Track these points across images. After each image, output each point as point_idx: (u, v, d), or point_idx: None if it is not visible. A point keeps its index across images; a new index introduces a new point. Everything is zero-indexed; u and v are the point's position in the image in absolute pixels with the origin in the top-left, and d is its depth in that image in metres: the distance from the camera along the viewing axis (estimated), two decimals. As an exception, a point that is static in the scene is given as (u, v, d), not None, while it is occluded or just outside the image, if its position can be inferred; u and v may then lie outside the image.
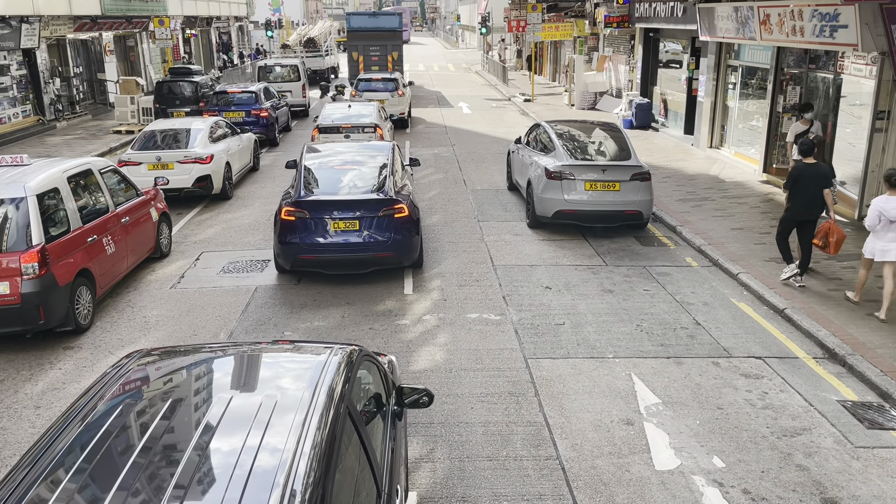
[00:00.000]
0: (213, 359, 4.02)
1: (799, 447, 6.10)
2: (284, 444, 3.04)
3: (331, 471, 3.05)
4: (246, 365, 4.03)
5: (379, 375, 4.54)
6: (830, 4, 11.63)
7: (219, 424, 3.21)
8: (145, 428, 3.22)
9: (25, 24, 21.57)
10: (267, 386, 3.67)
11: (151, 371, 3.83)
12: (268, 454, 3.00)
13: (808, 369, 7.48)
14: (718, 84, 17.77)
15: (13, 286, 7.60)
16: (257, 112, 19.83)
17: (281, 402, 3.38)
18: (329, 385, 3.56)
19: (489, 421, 6.52)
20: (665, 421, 6.50)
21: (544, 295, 9.46)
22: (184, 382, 3.78)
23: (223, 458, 3.00)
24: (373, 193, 9.80)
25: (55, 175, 8.54)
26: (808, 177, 9.15)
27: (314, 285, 9.84)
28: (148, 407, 3.45)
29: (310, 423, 3.21)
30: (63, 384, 7.30)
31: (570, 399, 6.89)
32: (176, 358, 4.04)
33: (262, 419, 3.23)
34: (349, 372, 3.81)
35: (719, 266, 10.40)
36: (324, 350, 3.99)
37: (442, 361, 7.62)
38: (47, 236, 7.97)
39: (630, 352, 7.85)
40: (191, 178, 13.59)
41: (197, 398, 3.55)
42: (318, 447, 3.07)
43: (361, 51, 32.65)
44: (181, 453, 3.03)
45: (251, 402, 3.41)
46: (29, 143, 20.75)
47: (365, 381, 4.22)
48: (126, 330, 8.54)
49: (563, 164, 11.68)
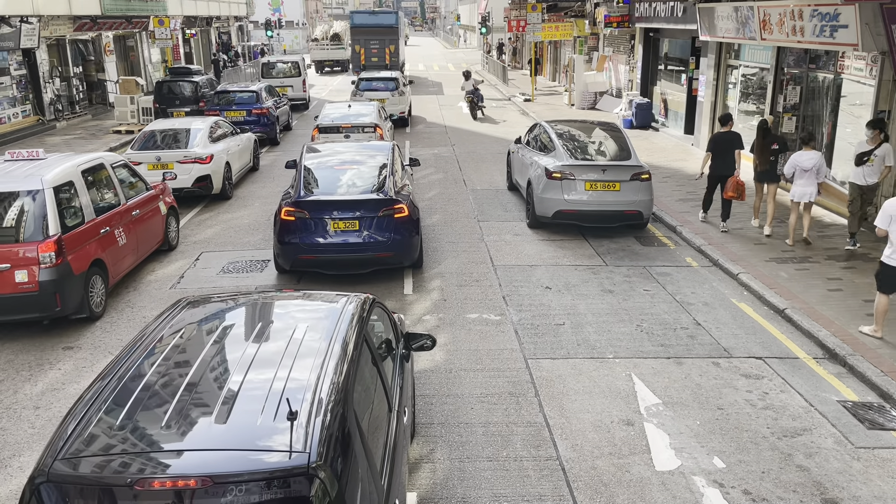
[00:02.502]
0: (251, 303, 4.82)
1: (799, 448, 6.09)
2: (313, 363, 3.85)
3: (351, 380, 3.82)
4: (280, 309, 4.80)
5: (389, 321, 5.35)
6: (831, 4, 11.62)
7: (256, 355, 3.97)
8: (195, 358, 3.95)
9: (25, 24, 21.56)
10: (298, 319, 4.52)
11: (200, 312, 4.65)
12: (302, 368, 3.81)
13: (809, 370, 7.47)
14: (719, 84, 17.76)
15: (31, 274, 7.92)
16: (258, 111, 20.06)
17: (311, 327, 4.28)
18: (349, 319, 4.40)
19: (489, 421, 6.51)
20: (665, 421, 6.49)
21: (544, 295, 9.45)
22: (225, 323, 4.51)
23: (264, 376, 3.75)
24: (372, 193, 9.79)
25: (70, 169, 8.86)
26: (723, 141, 11.69)
27: (314, 286, 9.83)
28: (198, 341, 4.24)
29: (335, 341, 4.08)
30: (63, 384, 7.29)
31: (570, 399, 6.88)
32: (219, 303, 4.84)
33: (294, 347, 4.03)
34: (364, 311, 4.64)
35: (719, 266, 10.39)
36: (343, 296, 4.85)
37: (442, 362, 7.61)
38: (63, 227, 8.27)
39: (630, 352, 7.84)
40: (190, 178, 13.59)
41: (238, 336, 4.31)
42: (342, 366, 3.85)
43: (363, 44, 36.44)
44: (229, 375, 3.79)
45: (287, 328, 4.32)
46: (28, 143, 20.72)
47: (377, 325, 4.97)
48: (126, 330, 8.52)
49: (563, 163, 11.67)
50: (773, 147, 11.43)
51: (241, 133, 16.30)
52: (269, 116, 20.30)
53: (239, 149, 15.68)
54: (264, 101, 20.49)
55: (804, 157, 10.66)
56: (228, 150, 14.87)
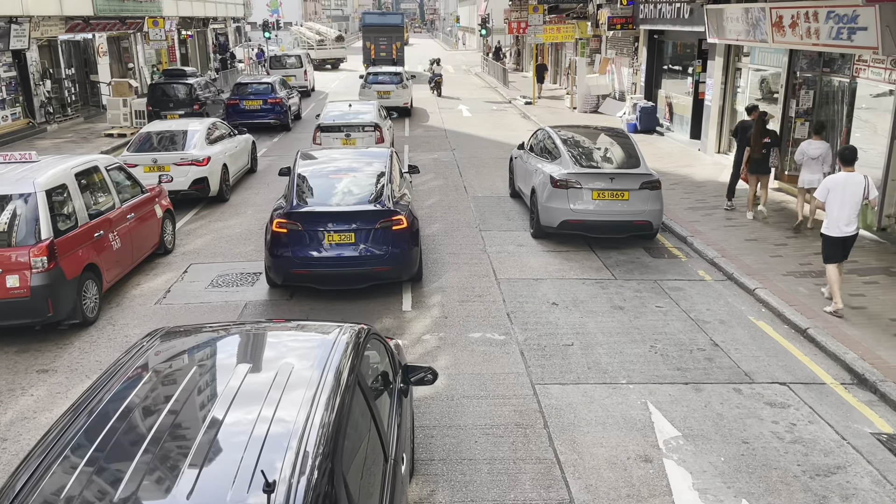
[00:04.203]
0: (231, 336, 4.36)
1: (834, 489, 5.57)
2: (299, 406, 3.36)
3: (342, 433, 3.30)
4: (262, 341, 4.33)
5: (386, 354, 4.83)
6: (849, 5, 11.11)
7: (237, 394, 3.49)
8: (167, 399, 3.48)
9: (14, 24, 21.02)
10: (282, 360, 3.92)
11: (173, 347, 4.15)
12: (286, 414, 3.31)
13: (837, 396, 6.95)
14: (727, 87, 17.26)
15: (23, 279, 7.79)
16: (273, 101, 22.76)
17: (296, 370, 3.70)
18: (340, 356, 3.88)
19: (495, 457, 5.98)
20: (686, 457, 5.97)
21: (551, 312, 8.93)
22: (203, 358, 4.06)
23: (241, 425, 3.27)
24: (369, 204, 9.27)
25: (63, 171, 8.73)
26: (745, 129, 12.49)
27: (307, 301, 9.31)
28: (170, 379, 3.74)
29: (323, 387, 3.51)
30: (34, 413, 6.75)
31: (581, 431, 6.36)
32: (195, 336, 4.33)
33: (277, 391, 3.50)
34: (358, 347, 4.10)
35: (734, 280, 9.88)
36: (334, 328, 4.29)
37: (443, 388, 7.08)
38: (55, 231, 8.13)
39: (645, 377, 7.31)
40: (187, 180, 13.30)
41: (216, 372, 3.85)
42: (329, 414, 3.33)
43: (373, 41, 41.33)
44: (201, 423, 3.30)
45: (269, 371, 3.73)
46: (17, 146, 20.14)
47: (373, 359, 4.49)
48: (105, 351, 7.99)
49: (569, 171, 11.15)
50: (765, 140, 12.08)
51: (238, 134, 16.18)
52: (283, 105, 22.99)
53: (237, 150, 15.47)
54: (278, 91, 23.10)
55: (812, 146, 11.28)
56: (226, 151, 14.65)
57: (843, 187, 8.32)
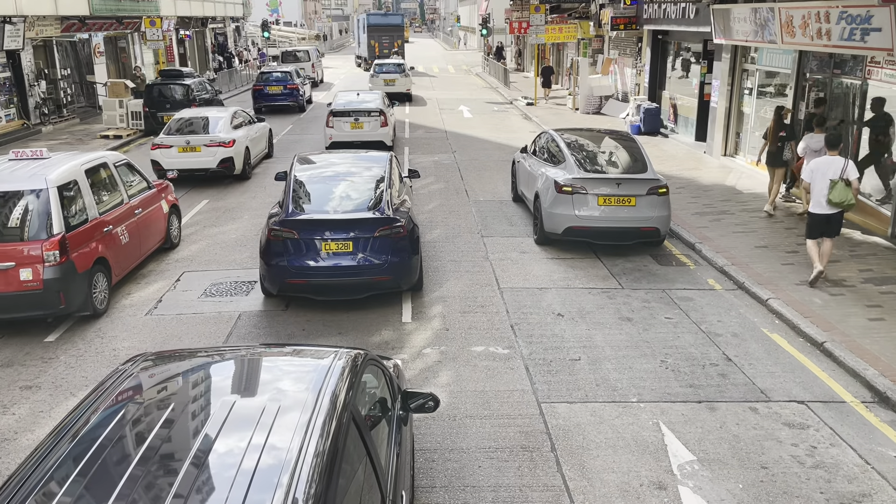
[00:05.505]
0: (218, 362, 4.04)
1: (861, 519, 5.25)
2: (288, 447, 3.05)
3: (334, 475, 3.03)
4: (250, 368, 4.02)
5: (384, 380, 4.54)
6: (863, 6, 10.78)
7: (223, 427, 3.22)
8: (149, 431, 3.23)
9: (9, 24, 20.69)
10: (271, 389, 3.68)
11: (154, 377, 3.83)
12: (271, 457, 3.00)
13: (858, 416, 6.62)
14: (733, 89, 16.92)
15: (35, 272, 7.99)
16: (291, 86, 27.61)
17: (284, 406, 3.38)
18: (333, 389, 3.54)
19: (500, 484, 5.65)
20: (703, 484, 5.64)
21: (556, 324, 8.60)
22: (187, 386, 3.80)
23: (227, 460, 3.02)
24: (368, 212, 8.93)
25: (74, 168, 8.97)
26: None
27: (303, 312, 8.98)
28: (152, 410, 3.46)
29: (313, 428, 3.19)
30: (15, 434, 6.43)
31: (591, 455, 6.03)
32: (181, 361, 4.05)
33: (266, 422, 3.23)
34: (353, 376, 3.79)
35: (745, 290, 9.54)
36: (328, 354, 3.99)
37: (445, 407, 6.73)
38: (67, 226, 8.35)
39: (656, 395, 6.98)
40: (215, 159, 15.33)
41: (201, 401, 3.57)
42: (321, 452, 3.06)
43: (377, 39, 47.70)
44: (186, 455, 3.05)
45: (255, 405, 3.41)
46: (11, 147, 19.79)
47: (370, 386, 4.21)
48: (92, 366, 7.65)
49: (574, 176, 10.81)
50: (780, 134, 12.52)
51: (257, 122, 18.13)
52: (299, 90, 27.84)
53: (257, 136, 17.58)
54: (295, 79, 27.94)
55: (815, 139, 11.56)
56: (248, 136, 16.67)
57: (825, 169, 9.09)
